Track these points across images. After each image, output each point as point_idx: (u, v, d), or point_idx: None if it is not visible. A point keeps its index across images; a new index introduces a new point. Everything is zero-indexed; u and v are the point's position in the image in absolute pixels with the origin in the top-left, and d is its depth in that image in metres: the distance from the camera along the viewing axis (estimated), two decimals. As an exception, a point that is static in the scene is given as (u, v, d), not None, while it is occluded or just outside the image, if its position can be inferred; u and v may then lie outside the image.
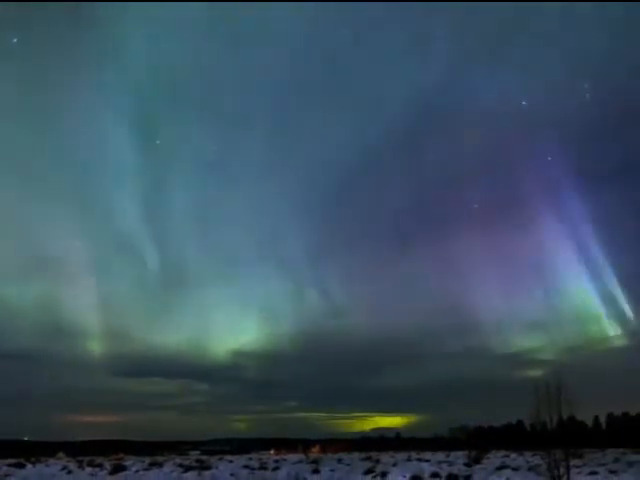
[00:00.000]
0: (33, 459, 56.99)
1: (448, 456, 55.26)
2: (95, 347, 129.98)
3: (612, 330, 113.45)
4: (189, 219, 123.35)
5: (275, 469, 36.88)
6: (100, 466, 42.38)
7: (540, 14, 78.74)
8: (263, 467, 39.98)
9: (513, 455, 53.58)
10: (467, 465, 36.83)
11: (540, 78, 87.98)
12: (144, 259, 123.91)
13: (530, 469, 19.20)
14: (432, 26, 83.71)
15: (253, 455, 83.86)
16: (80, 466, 43.35)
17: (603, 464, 34.61)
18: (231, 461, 54.22)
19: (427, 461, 43.59)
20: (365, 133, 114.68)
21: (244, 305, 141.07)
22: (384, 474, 28.38)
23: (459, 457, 49.42)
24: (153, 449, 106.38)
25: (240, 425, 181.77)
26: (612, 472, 26.93)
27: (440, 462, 41.25)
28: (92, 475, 32.55)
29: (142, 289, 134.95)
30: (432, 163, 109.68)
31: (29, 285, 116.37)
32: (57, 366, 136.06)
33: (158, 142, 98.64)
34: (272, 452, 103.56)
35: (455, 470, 29.96)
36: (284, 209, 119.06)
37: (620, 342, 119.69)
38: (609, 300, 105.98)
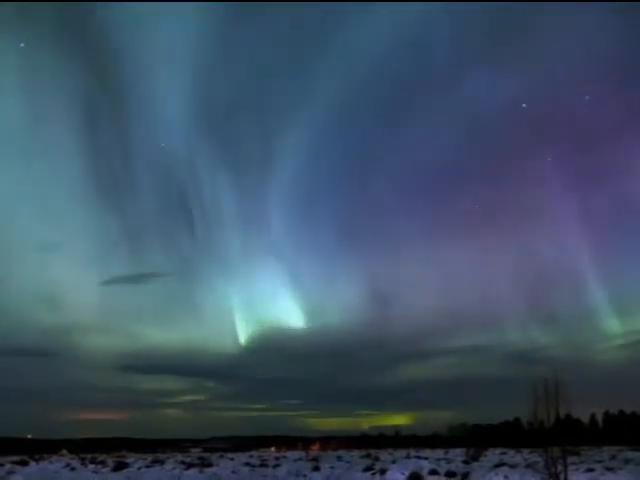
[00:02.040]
0: (36, 456, 57.40)
1: (447, 453, 55.69)
2: (98, 344, 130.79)
3: (610, 329, 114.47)
4: (189, 215, 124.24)
5: (276, 466, 37.20)
6: (103, 463, 42.76)
7: (540, 14, 79.07)
8: (264, 464, 40.29)
9: (511, 452, 53.98)
10: (465, 462, 37.21)
11: (540, 79, 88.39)
12: (147, 257, 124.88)
13: (528, 466, 19.48)
14: (432, 26, 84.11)
15: (254, 453, 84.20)
16: (83, 463, 43.74)
17: (600, 461, 35.01)
18: (232, 459, 54.59)
19: (426, 459, 43.89)
20: (365, 132, 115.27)
21: (246, 304, 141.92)
22: (383, 471, 28.67)
23: (458, 455, 49.81)
24: (155, 446, 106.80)
25: (241, 423, 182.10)
26: (609, 469, 27.23)
27: (439, 459, 41.59)
28: (95, 472, 32.80)
29: (146, 287, 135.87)
30: (433, 163, 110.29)
31: (32, 282, 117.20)
32: (59, 363, 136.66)
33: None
34: (273, 450, 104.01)
35: (453, 467, 30.30)
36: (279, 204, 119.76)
37: (617, 341, 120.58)
38: (607, 300, 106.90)
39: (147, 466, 38.11)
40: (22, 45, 76.98)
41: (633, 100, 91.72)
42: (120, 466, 36.59)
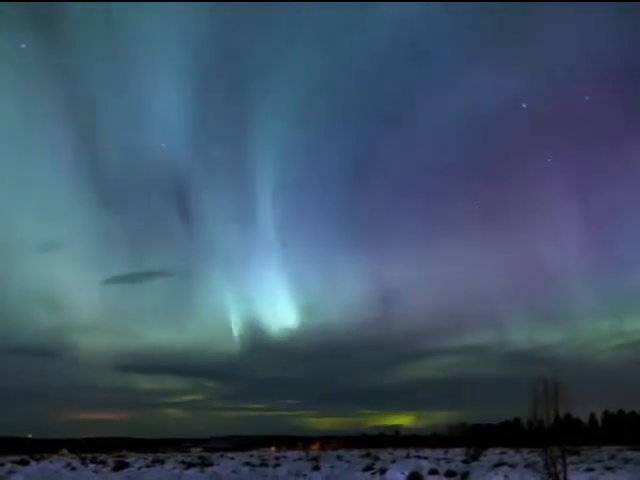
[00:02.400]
0: (37, 456, 57.43)
1: (446, 453, 55.67)
2: (98, 344, 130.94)
3: (610, 329, 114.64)
4: (190, 215, 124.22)
5: (276, 466, 37.23)
6: (103, 463, 42.82)
7: (540, 14, 79.09)
8: (264, 464, 40.31)
9: (511, 452, 53.99)
10: (465, 462, 37.24)
11: (540, 79, 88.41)
12: (147, 257, 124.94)
13: (527, 466, 19.54)
14: (432, 26, 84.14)
15: (254, 452, 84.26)
16: (83, 463, 43.80)
17: (599, 461, 35.03)
18: (232, 458, 54.63)
19: (425, 458, 43.87)
20: (365, 132, 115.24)
21: (246, 303, 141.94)
22: (383, 471, 28.71)
23: (457, 454, 49.79)
24: (155, 446, 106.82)
25: (241, 423, 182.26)
26: (608, 469, 27.24)
27: (438, 459, 41.60)
28: (95, 472, 32.82)
29: (146, 287, 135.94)
30: (433, 163, 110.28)
31: (32, 282, 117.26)
32: (59, 363, 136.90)
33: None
34: (273, 449, 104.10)
35: (453, 467, 30.32)
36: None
37: (617, 341, 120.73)
38: (607, 300, 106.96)
39: (147, 466, 38.13)
40: (23, 46, 77.09)
41: (633, 100, 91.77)
42: (120, 466, 36.61)
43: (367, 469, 31.25)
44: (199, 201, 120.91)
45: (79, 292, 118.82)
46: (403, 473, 26.47)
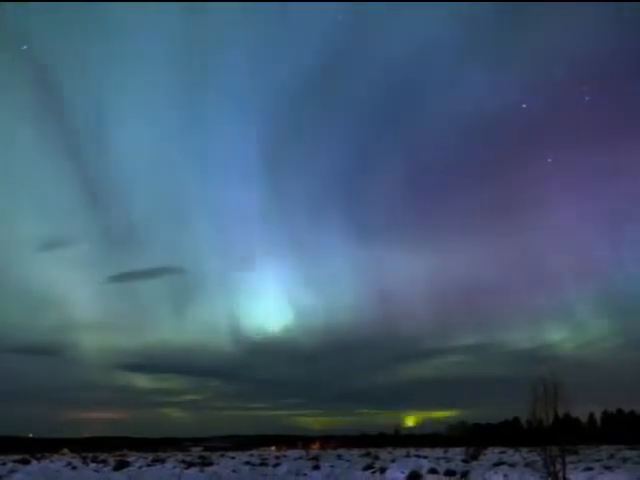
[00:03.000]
0: (38, 455, 57.52)
1: (446, 452, 55.79)
2: (99, 343, 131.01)
3: (610, 329, 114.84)
4: (190, 215, 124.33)
5: (276, 465, 37.33)
6: (104, 462, 42.92)
7: (540, 14, 79.19)
8: (264, 463, 40.40)
9: (510, 451, 54.08)
10: (465, 461, 37.34)
11: (540, 79, 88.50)
12: (148, 256, 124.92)
13: (527, 465, 19.63)
14: (432, 26, 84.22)
15: (254, 452, 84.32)
16: (84, 462, 43.91)
17: (598, 460, 35.15)
18: (233, 457, 54.73)
19: (425, 457, 43.96)
20: (366, 134, 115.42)
21: (246, 303, 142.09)
22: (383, 470, 28.83)
23: (457, 453, 49.90)
24: (156, 445, 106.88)
25: (241, 422, 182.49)
26: (607, 468, 27.35)
27: (438, 458, 41.67)
28: (96, 471, 32.94)
29: (147, 286, 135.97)
30: (433, 163, 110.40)
31: (32, 282, 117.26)
32: (60, 362, 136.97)
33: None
34: (273, 449, 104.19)
35: (453, 466, 30.41)
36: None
37: (617, 341, 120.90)
38: (607, 299, 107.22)
39: (148, 465, 38.21)
40: (24, 47, 77.25)
41: (633, 100, 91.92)
42: (121, 465, 36.71)
43: (367, 468, 31.37)
44: (200, 200, 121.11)
45: (79, 291, 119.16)
46: (403, 472, 26.59)
